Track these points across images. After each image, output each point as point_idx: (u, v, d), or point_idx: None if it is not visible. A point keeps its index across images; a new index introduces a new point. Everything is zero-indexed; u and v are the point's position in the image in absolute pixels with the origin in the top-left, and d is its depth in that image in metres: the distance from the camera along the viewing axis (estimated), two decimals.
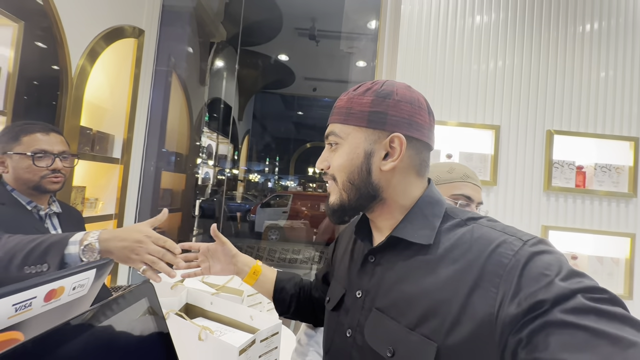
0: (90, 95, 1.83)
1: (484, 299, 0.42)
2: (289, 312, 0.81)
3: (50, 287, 0.52)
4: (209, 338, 0.75)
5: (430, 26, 1.82)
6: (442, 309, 0.45)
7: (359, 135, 0.54)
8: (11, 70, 1.32)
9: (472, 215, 0.53)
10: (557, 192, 1.75)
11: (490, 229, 0.48)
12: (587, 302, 0.36)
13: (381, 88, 0.54)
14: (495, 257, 0.44)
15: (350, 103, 0.55)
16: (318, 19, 4.07)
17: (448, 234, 0.50)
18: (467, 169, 0.98)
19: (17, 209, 0.97)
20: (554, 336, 0.35)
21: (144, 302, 0.57)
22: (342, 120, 0.55)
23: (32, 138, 0.98)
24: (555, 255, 0.42)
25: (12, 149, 0.96)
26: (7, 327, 0.45)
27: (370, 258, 0.57)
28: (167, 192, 2.80)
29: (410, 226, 0.53)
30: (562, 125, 1.76)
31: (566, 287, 0.37)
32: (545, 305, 0.37)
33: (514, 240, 0.44)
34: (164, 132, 2.57)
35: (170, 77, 2.59)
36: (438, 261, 0.48)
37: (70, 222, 1.14)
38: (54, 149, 1.01)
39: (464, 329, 0.42)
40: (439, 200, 0.56)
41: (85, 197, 1.91)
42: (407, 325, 0.47)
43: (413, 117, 0.53)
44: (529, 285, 0.39)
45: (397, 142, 0.52)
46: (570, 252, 1.75)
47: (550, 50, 1.79)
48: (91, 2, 1.75)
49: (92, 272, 0.61)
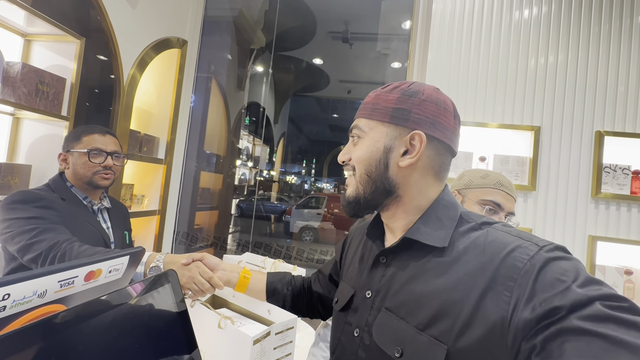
0: (139, 101, 2.02)
1: (496, 302, 0.41)
2: (285, 310, 0.84)
3: (90, 269, 0.60)
4: (227, 327, 0.80)
5: (464, 24, 1.75)
6: (453, 311, 0.44)
7: (381, 130, 0.54)
8: (74, 81, 1.51)
9: (486, 220, 0.52)
10: (609, 200, 1.59)
11: (505, 233, 0.47)
12: (606, 310, 0.34)
13: (409, 87, 0.55)
14: (509, 261, 0.43)
15: (376, 99, 0.56)
16: (351, 22, 4.09)
17: (462, 238, 0.50)
18: (502, 178, 0.96)
19: (75, 203, 1.11)
20: (570, 343, 0.34)
21: (168, 287, 0.64)
22: (367, 115, 0.56)
23: (91, 138, 1.11)
24: (572, 261, 0.41)
25: (74, 147, 1.10)
26: (53, 299, 0.53)
27: (382, 259, 0.58)
28: (206, 191, 2.99)
29: (424, 228, 0.52)
30: (615, 126, 1.60)
31: (584, 293, 0.36)
32: (562, 312, 0.36)
33: (529, 245, 0.43)
34: (204, 135, 2.75)
35: (210, 83, 2.76)
36: (451, 263, 0.48)
37: (119, 216, 1.27)
38: (108, 148, 1.14)
39: (475, 332, 0.42)
40: (454, 204, 0.55)
41: (134, 193, 2.10)
42: (416, 326, 0.47)
43: (437, 117, 0.53)
44: (544, 291, 0.38)
45: (418, 140, 0.52)
46: (623, 266, 1.58)
47: (601, 44, 1.64)
48: (141, 17, 1.94)
49: (125, 259, 0.69)
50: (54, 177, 1.12)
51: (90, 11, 1.66)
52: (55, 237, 0.93)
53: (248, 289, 0.84)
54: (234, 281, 0.84)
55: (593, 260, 1.57)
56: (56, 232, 0.95)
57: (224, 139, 3.26)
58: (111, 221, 1.22)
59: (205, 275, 0.81)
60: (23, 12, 1.31)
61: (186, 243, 2.64)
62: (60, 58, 1.53)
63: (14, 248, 0.93)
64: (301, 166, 9.10)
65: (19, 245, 0.92)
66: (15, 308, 0.47)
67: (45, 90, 1.40)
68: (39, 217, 0.96)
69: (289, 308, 0.84)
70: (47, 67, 1.48)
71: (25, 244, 0.92)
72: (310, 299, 0.85)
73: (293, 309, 0.84)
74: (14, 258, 0.98)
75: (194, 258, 0.85)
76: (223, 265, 0.86)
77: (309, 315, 0.88)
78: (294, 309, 0.85)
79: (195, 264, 0.83)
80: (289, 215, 6.03)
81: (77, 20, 1.59)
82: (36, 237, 0.92)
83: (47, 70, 1.43)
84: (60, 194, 1.08)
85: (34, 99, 1.36)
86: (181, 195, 2.43)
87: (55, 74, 1.45)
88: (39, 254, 0.90)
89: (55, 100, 1.45)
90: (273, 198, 7.08)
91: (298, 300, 0.85)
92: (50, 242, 0.91)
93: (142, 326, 0.56)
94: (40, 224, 0.95)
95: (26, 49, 1.52)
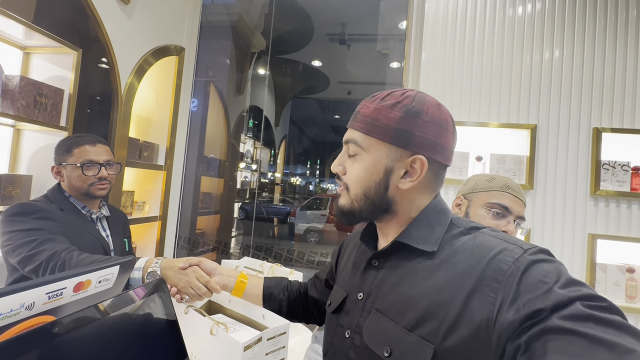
0: (137, 108, 2.04)
1: (482, 303, 0.43)
2: (281, 315, 0.84)
3: (79, 280, 0.61)
4: (219, 333, 0.81)
5: (457, 24, 1.75)
6: (440, 312, 0.45)
7: (381, 149, 0.53)
8: (72, 91, 1.53)
9: (475, 225, 0.54)
10: (608, 197, 1.57)
11: (492, 237, 0.49)
12: (586, 310, 0.36)
13: (412, 104, 0.52)
14: (494, 263, 0.44)
15: (376, 114, 0.53)
16: (348, 24, 4.11)
17: (451, 242, 0.52)
18: (510, 181, 0.93)
19: (74, 213, 1.13)
20: (552, 342, 0.35)
21: (156, 296, 0.65)
22: (366, 130, 0.54)
23: (81, 150, 1.13)
24: (554, 264, 0.43)
25: (66, 161, 1.12)
26: (41, 311, 0.54)
27: (374, 262, 0.59)
28: (207, 195, 3.01)
29: (415, 232, 0.54)
30: (612, 122, 1.58)
31: (564, 294, 0.38)
32: (544, 313, 0.37)
33: (514, 249, 0.45)
34: (203, 139, 2.78)
35: (208, 88, 2.78)
36: (439, 266, 0.50)
37: (118, 224, 1.29)
38: (100, 159, 1.15)
39: (461, 332, 0.43)
40: (444, 210, 0.57)
41: (134, 200, 2.13)
42: (405, 326, 0.48)
43: (438, 139, 0.53)
44: (527, 292, 0.40)
45: (419, 164, 0.52)
46: (624, 264, 1.56)
47: (596, 39, 1.62)
48: (138, 27, 1.96)
49: (115, 268, 0.70)
50: (52, 188, 1.15)
51: (86, 22, 1.69)
52: (55, 247, 0.95)
53: (245, 293, 0.84)
54: (230, 285, 0.84)
55: (593, 258, 1.55)
56: (55, 242, 0.97)
57: (225, 143, 3.28)
58: (110, 229, 1.24)
59: (202, 280, 0.81)
60: (21, 26, 1.34)
61: (188, 248, 2.66)
62: (58, 69, 1.56)
63: (15, 260, 0.96)
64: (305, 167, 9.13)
65: (19, 257, 0.94)
66: (2, 321, 0.48)
67: (44, 102, 1.43)
68: (38, 228, 0.98)
69: (285, 313, 0.85)
70: (46, 79, 1.51)
71: (25, 255, 0.94)
72: (306, 304, 0.85)
73: (289, 314, 0.85)
74: (15, 269, 1.00)
75: (191, 262, 0.85)
76: (220, 269, 0.86)
77: (305, 321, 0.88)
78: (289, 314, 0.85)
79: (193, 269, 0.83)
80: (293, 217, 6.03)
81: (74, 31, 1.62)
82: (36, 248, 0.94)
83: (46, 81, 1.46)
84: (58, 205, 1.10)
85: (32, 111, 1.38)
86: (182, 201, 2.46)
87: (54, 85, 1.48)
88: (39, 264, 0.92)
89: (54, 111, 1.48)
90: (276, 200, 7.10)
91: (294, 305, 0.85)
92: (49, 252, 0.93)
93: (130, 336, 0.57)
94: (39, 235, 0.97)
95: (25, 61, 1.55)
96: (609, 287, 1.56)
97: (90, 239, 1.12)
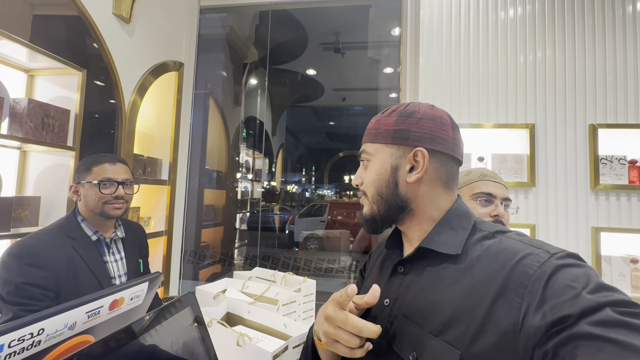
0: (140, 125, 2.06)
1: (507, 308, 0.42)
2: None
3: (114, 298, 0.63)
4: (246, 344, 0.82)
5: (452, 28, 1.80)
6: (466, 317, 0.45)
7: (386, 151, 0.58)
8: (78, 111, 1.55)
9: (500, 229, 0.54)
10: (608, 190, 1.62)
11: (517, 241, 0.49)
12: (616, 316, 0.35)
13: (405, 109, 0.58)
14: (520, 268, 0.44)
15: (377, 124, 0.60)
16: (341, 33, 4.19)
17: (475, 246, 0.52)
18: (484, 169, 1.00)
19: (82, 244, 1.08)
20: (581, 349, 0.34)
21: (189, 310, 0.66)
22: (371, 139, 0.61)
23: (101, 168, 1.12)
24: (584, 268, 0.42)
25: (85, 179, 1.10)
26: (82, 330, 0.55)
27: (400, 268, 0.60)
28: (210, 207, 3.01)
29: (438, 237, 0.55)
30: (607, 118, 1.64)
31: (594, 299, 0.37)
32: (571, 319, 0.36)
33: (540, 253, 0.45)
34: (205, 152, 2.79)
35: (207, 100, 2.81)
36: (464, 271, 0.50)
37: (134, 244, 1.25)
38: (119, 177, 1.13)
39: (487, 338, 0.43)
40: (467, 213, 0.58)
41: (140, 216, 2.13)
42: (430, 332, 0.49)
43: (435, 132, 0.56)
44: (554, 297, 0.39)
45: (420, 156, 0.55)
46: (628, 255, 1.59)
47: (587, 36, 1.68)
48: (139, 45, 1.99)
49: (145, 285, 0.71)
50: (69, 213, 1.12)
51: (89, 43, 1.71)
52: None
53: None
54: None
55: (598, 251, 1.59)
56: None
57: (225, 154, 3.30)
58: (125, 251, 1.21)
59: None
60: (25, 49, 1.35)
61: (194, 262, 2.65)
62: (63, 90, 1.57)
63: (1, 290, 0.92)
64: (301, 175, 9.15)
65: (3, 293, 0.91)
66: (49, 342, 0.49)
67: (51, 123, 1.44)
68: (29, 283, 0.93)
69: None
70: (51, 100, 1.52)
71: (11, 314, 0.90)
72: None
73: None
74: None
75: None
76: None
77: None
78: None
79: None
80: (292, 225, 6.01)
81: (77, 52, 1.64)
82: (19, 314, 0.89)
83: (51, 102, 1.47)
84: (69, 233, 1.06)
85: (40, 133, 1.39)
86: (186, 214, 2.46)
87: (60, 106, 1.49)
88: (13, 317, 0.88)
89: (61, 131, 1.49)
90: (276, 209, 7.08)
91: None
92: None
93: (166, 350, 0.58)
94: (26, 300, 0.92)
95: (29, 83, 1.57)
96: (615, 279, 1.59)
97: (88, 280, 1.05)
